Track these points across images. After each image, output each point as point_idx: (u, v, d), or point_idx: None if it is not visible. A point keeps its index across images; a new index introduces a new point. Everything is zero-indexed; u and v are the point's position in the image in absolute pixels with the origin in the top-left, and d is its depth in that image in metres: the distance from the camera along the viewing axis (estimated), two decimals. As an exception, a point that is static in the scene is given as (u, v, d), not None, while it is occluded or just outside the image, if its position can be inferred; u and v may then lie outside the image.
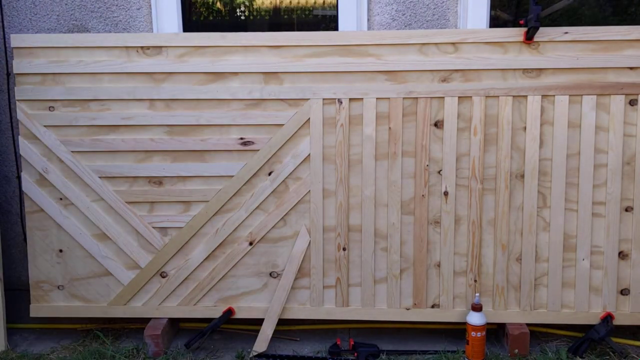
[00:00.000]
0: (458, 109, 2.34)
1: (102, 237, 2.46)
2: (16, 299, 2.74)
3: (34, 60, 2.40)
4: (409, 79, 2.35)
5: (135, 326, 2.60)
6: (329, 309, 2.46)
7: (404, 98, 2.35)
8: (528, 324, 2.39)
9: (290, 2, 2.92)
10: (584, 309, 2.38)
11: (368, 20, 2.69)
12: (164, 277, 2.48)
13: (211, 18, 2.97)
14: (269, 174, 2.41)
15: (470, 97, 2.34)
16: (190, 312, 2.49)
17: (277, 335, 2.56)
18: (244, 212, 2.42)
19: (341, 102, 2.37)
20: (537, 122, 2.33)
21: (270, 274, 2.46)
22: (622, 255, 2.36)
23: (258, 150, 2.40)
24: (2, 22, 2.68)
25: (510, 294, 2.41)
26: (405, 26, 2.68)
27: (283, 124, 2.39)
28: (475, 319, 2.30)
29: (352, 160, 2.40)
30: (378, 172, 2.39)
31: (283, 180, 2.41)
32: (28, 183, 2.46)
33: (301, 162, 2.40)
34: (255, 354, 2.37)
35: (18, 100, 2.42)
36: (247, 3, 2.95)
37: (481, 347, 2.29)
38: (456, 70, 2.33)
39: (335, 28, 2.77)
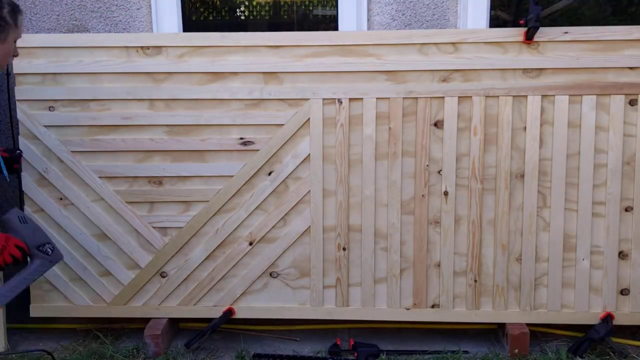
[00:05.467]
0: (458, 109, 2.34)
1: (102, 237, 2.46)
2: (16, 299, 2.74)
3: (34, 60, 2.40)
4: (409, 79, 2.35)
5: (135, 326, 2.60)
6: (329, 309, 2.46)
7: (404, 98, 2.35)
8: (528, 324, 2.39)
9: (291, 2, 2.92)
10: (584, 309, 2.38)
11: (368, 20, 2.70)
12: (164, 277, 2.48)
13: (211, 18, 2.97)
14: (269, 174, 2.41)
15: (470, 97, 2.34)
16: (190, 312, 2.49)
17: (277, 335, 2.56)
18: (244, 212, 2.42)
19: (341, 102, 2.37)
20: (537, 122, 2.33)
21: (270, 274, 2.46)
22: (622, 255, 2.36)
23: (258, 150, 2.40)
24: (2, 22, 2.68)
25: (510, 294, 2.41)
26: (405, 26, 2.68)
27: (283, 124, 2.39)
28: None
29: (352, 160, 2.40)
30: (378, 172, 2.39)
31: (283, 180, 2.41)
32: (28, 183, 2.46)
33: (301, 162, 2.40)
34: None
35: (18, 100, 2.42)
36: (247, 3, 2.95)
37: None
38: (456, 70, 2.33)
39: (335, 28, 2.77)
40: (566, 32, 2.29)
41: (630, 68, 2.29)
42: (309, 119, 2.38)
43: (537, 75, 2.31)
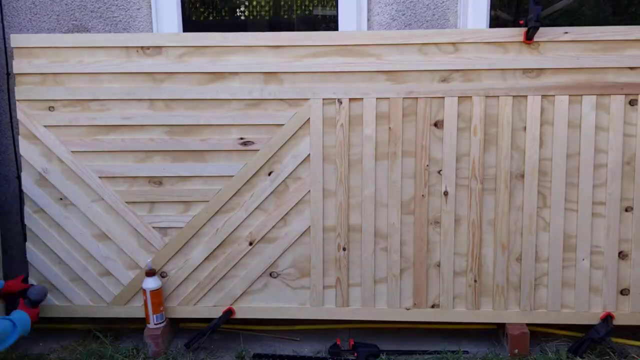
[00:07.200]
0: (458, 109, 2.34)
1: (102, 237, 2.46)
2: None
3: (34, 60, 2.40)
4: (409, 79, 2.34)
5: (135, 326, 2.59)
6: (329, 309, 2.46)
7: (404, 98, 2.35)
8: (528, 324, 2.39)
9: (291, 2, 2.92)
10: (584, 309, 2.38)
11: (368, 20, 2.69)
12: (164, 277, 2.47)
13: (211, 18, 2.97)
14: (269, 174, 2.41)
15: (470, 97, 2.34)
16: (191, 312, 2.49)
17: (277, 335, 2.56)
18: (244, 212, 2.42)
19: (341, 102, 2.36)
20: (537, 122, 2.32)
21: (270, 274, 2.46)
22: (622, 255, 2.36)
23: (258, 150, 2.40)
24: (2, 22, 2.68)
25: (510, 294, 2.41)
26: (405, 26, 2.68)
27: (283, 124, 2.39)
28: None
29: (352, 160, 2.40)
30: (378, 172, 2.39)
31: (283, 180, 2.41)
32: (28, 183, 2.46)
33: (301, 162, 2.40)
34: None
35: (18, 100, 2.42)
36: (247, 3, 2.95)
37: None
38: (456, 70, 2.33)
39: (335, 28, 2.77)
40: (566, 32, 2.29)
41: (630, 68, 2.29)
42: (309, 119, 2.38)
43: (537, 75, 2.31)
